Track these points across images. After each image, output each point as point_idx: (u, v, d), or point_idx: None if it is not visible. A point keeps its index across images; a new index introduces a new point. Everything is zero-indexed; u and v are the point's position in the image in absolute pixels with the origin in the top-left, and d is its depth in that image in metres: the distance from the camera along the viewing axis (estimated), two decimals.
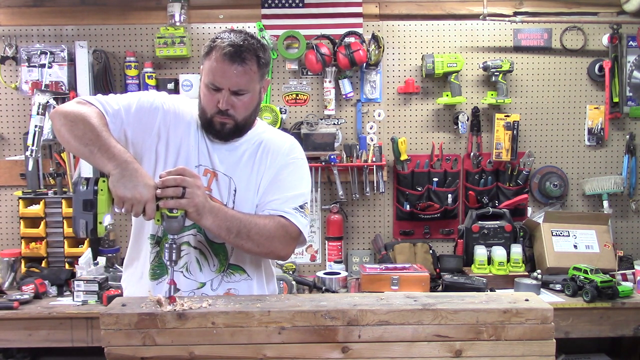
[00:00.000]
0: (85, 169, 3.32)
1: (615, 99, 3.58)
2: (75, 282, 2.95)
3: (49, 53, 3.40)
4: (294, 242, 1.82)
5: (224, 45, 1.71)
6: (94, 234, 1.58)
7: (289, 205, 1.80)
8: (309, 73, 3.58)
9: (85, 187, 1.57)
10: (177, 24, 3.48)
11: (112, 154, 1.59)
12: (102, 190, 1.57)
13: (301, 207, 1.82)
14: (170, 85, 3.49)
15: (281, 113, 3.55)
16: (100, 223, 1.57)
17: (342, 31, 3.49)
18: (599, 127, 3.64)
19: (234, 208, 1.80)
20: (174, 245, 1.61)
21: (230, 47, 1.70)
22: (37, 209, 3.31)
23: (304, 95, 3.62)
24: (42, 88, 3.35)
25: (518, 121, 3.53)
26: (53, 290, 3.08)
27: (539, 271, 3.24)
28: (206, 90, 1.76)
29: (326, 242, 3.55)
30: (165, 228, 1.62)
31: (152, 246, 1.82)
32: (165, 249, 1.62)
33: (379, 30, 3.57)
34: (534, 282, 3.07)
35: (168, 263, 1.61)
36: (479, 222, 3.40)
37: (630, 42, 3.59)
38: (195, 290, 1.79)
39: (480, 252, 3.29)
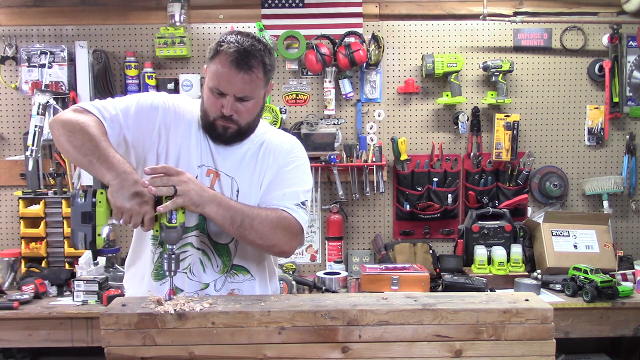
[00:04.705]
0: (85, 172, 3.32)
1: (615, 99, 3.58)
2: (75, 282, 2.95)
3: (49, 53, 3.40)
4: (297, 237, 1.80)
5: (230, 51, 1.69)
6: (93, 246, 1.58)
7: (290, 200, 1.80)
8: (309, 73, 3.58)
9: (83, 199, 1.57)
10: (177, 24, 3.48)
11: (111, 164, 1.58)
12: (100, 202, 1.57)
13: (302, 203, 1.82)
14: (170, 85, 3.49)
15: (281, 113, 3.55)
16: (99, 235, 1.57)
17: (342, 31, 3.49)
18: (599, 127, 3.64)
19: None
20: (173, 256, 1.60)
21: (237, 53, 1.68)
22: (37, 209, 3.31)
23: (304, 95, 3.62)
24: (42, 88, 3.35)
25: (518, 121, 3.53)
26: (53, 290, 3.08)
27: (539, 271, 3.24)
28: (210, 93, 1.75)
29: (326, 242, 3.55)
30: (163, 238, 1.61)
31: (155, 247, 1.82)
32: (164, 259, 1.62)
33: (379, 30, 3.57)
34: (534, 282, 3.07)
35: (167, 273, 1.61)
36: (479, 222, 3.40)
37: (630, 42, 3.59)
38: (199, 292, 1.79)
39: (480, 252, 3.29)
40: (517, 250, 3.29)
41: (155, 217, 1.58)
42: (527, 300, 1.60)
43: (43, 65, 3.39)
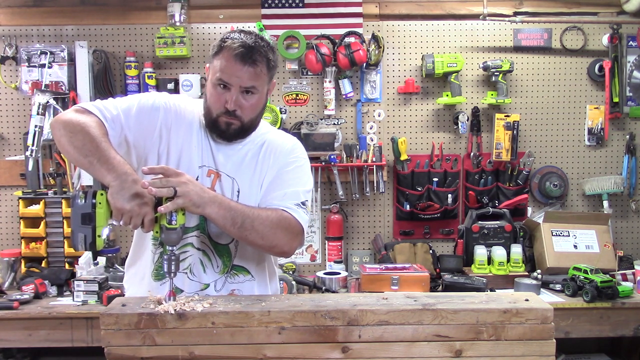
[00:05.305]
0: (85, 172, 3.32)
1: (615, 99, 3.58)
2: (75, 282, 2.95)
3: (49, 53, 3.40)
4: (297, 237, 1.80)
5: (235, 46, 1.70)
6: (93, 248, 1.58)
7: (290, 200, 1.80)
8: (309, 73, 3.58)
9: (83, 201, 1.56)
10: (177, 24, 3.48)
11: (112, 165, 1.58)
12: (100, 203, 1.56)
13: (302, 203, 1.82)
14: (170, 85, 3.49)
15: (281, 113, 3.55)
16: (99, 236, 1.57)
17: (342, 31, 3.49)
18: (599, 127, 3.64)
19: None
20: (173, 257, 1.60)
21: (242, 48, 1.70)
22: (37, 209, 3.31)
23: (304, 95, 3.62)
24: (42, 88, 3.35)
25: (518, 121, 3.53)
26: (53, 290, 3.08)
27: (539, 271, 3.24)
28: (213, 89, 1.75)
29: (326, 242, 3.55)
30: (163, 240, 1.61)
31: (156, 247, 1.82)
32: (164, 260, 1.62)
33: (379, 30, 3.57)
34: (534, 282, 3.07)
35: (167, 274, 1.61)
36: (479, 222, 3.40)
37: (630, 42, 3.59)
38: (199, 292, 1.79)
39: (480, 252, 3.29)
40: (517, 250, 3.29)
41: (155, 218, 1.58)
42: (527, 300, 1.60)
43: (43, 65, 3.39)
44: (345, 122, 3.60)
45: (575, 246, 3.32)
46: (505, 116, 3.55)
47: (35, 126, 3.25)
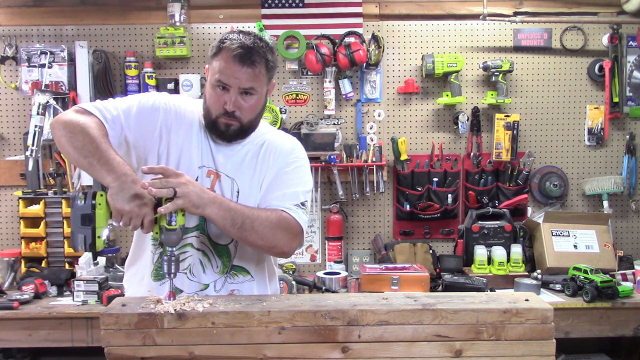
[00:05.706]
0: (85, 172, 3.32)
1: (615, 99, 3.58)
2: (75, 282, 2.95)
3: (49, 53, 3.40)
4: (297, 238, 1.81)
5: (233, 47, 1.70)
6: (93, 249, 1.57)
7: (290, 201, 1.80)
8: (309, 73, 3.58)
9: (82, 202, 1.56)
10: (177, 24, 3.48)
11: (111, 166, 1.58)
12: (100, 204, 1.56)
13: (302, 204, 1.82)
14: (170, 85, 3.49)
15: (281, 113, 3.55)
16: (99, 237, 1.57)
17: (342, 31, 3.49)
18: (599, 127, 3.64)
19: None
20: (173, 258, 1.60)
21: (241, 49, 1.70)
22: (37, 209, 3.31)
23: (304, 95, 3.62)
24: (42, 88, 3.36)
25: (518, 121, 3.53)
26: (53, 290, 3.08)
27: (539, 271, 3.24)
28: (212, 90, 1.75)
29: (326, 242, 3.55)
30: (163, 241, 1.61)
31: (155, 247, 1.82)
32: (164, 261, 1.62)
33: (379, 30, 3.57)
34: (534, 282, 3.07)
35: (167, 275, 1.61)
36: (479, 222, 3.40)
37: (630, 42, 3.59)
38: (199, 292, 1.79)
39: (480, 252, 3.29)
40: (517, 250, 3.29)
41: (155, 219, 1.58)
42: (527, 300, 1.60)
43: (43, 65, 3.39)
44: (345, 122, 3.60)
45: (575, 246, 3.32)
46: (505, 116, 3.55)
47: (35, 126, 3.26)
